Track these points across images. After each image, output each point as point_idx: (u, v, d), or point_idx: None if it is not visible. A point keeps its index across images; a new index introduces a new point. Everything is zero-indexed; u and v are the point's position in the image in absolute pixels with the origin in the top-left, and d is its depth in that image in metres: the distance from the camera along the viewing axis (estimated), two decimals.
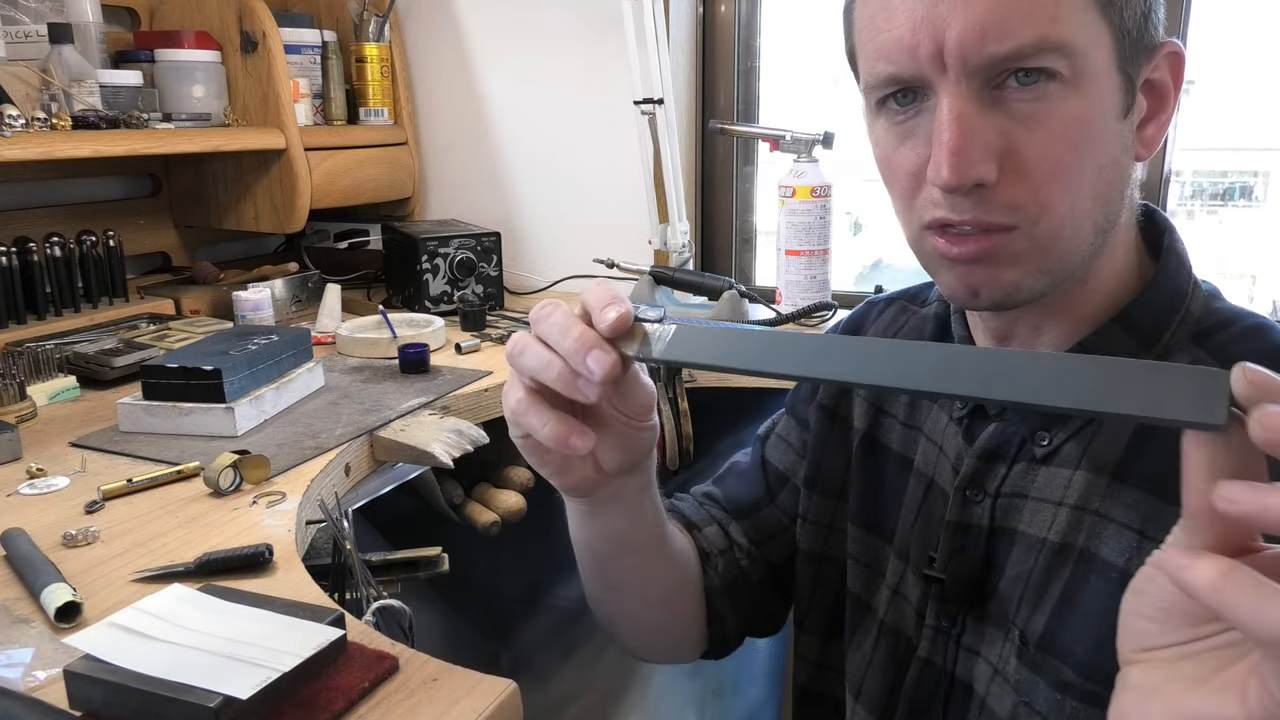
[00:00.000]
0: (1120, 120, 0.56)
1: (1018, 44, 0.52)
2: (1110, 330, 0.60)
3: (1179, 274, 0.61)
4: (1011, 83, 0.53)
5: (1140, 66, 0.56)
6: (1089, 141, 0.54)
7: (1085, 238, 0.57)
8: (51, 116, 1.33)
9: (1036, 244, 0.56)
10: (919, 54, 0.54)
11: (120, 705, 0.58)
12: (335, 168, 1.72)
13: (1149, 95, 0.58)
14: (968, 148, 0.53)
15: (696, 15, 1.84)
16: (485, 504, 1.33)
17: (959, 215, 0.55)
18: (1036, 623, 0.60)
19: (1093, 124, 0.54)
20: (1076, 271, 0.58)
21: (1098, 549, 0.58)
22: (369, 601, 0.82)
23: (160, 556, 0.82)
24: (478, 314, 1.62)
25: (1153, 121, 0.58)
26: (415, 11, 1.93)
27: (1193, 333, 0.59)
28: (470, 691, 0.63)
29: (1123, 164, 0.57)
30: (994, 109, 0.54)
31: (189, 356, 1.16)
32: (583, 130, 1.87)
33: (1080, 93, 0.53)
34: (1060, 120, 0.53)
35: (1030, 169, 0.54)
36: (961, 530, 0.66)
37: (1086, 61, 0.53)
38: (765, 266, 1.95)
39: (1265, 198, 1.74)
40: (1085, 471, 0.59)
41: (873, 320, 0.81)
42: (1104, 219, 0.57)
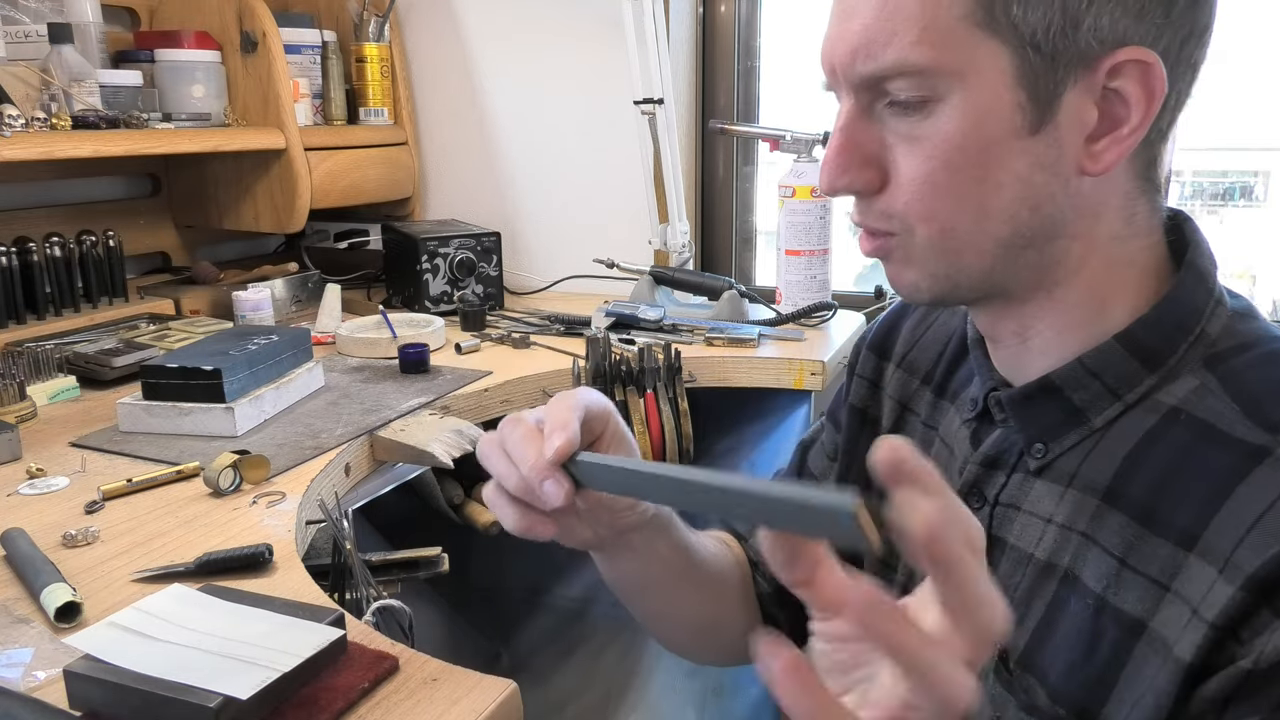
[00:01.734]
0: (1025, 138, 0.54)
1: (878, 66, 0.54)
2: (1110, 349, 0.58)
3: (1195, 292, 0.58)
4: (891, 100, 0.55)
5: (1067, 79, 0.53)
6: (967, 160, 0.54)
7: (982, 250, 0.56)
8: (51, 116, 1.33)
9: (918, 252, 0.58)
10: (823, 66, 0.58)
11: (120, 705, 0.58)
12: (335, 168, 1.72)
13: (1105, 107, 0.54)
14: (840, 158, 0.57)
15: (696, 15, 1.84)
16: (485, 504, 1.33)
17: (855, 215, 0.60)
18: (1018, 639, 0.60)
19: (971, 143, 0.54)
20: (998, 281, 0.58)
21: (1080, 571, 0.57)
22: (369, 601, 0.82)
23: (160, 556, 0.82)
24: (478, 314, 1.62)
25: (1108, 136, 0.54)
26: (415, 11, 1.93)
27: (1206, 355, 0.57)
28: (470, 691, 0.63)
29: (1035, 181, 0.54)
30: (880, 122, 0.56)
31: (189, 356, 1.16)
32: (583, 130, 1.87)
33: (957, 112, 0.53)
34: (937, 138, 0.54)
35: (902, 183, 0.56)
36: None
37: (961, 84, 0.53)
38: (765, 266, 1.95)
39: (1265, 198, 1.74)
40: (1076, 490, 0.58)
41: (906, 319, 0.81)
42: (1011, 234, 0.56)
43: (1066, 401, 0.59)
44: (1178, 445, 0.55)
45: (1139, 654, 0.53)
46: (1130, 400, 0.58)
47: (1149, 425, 0.56)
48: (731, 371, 1.41)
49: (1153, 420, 0.56)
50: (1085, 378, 0.59)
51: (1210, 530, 0.51)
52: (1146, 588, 0.53)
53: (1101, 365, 0.58)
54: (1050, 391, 0.60)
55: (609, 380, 1.33)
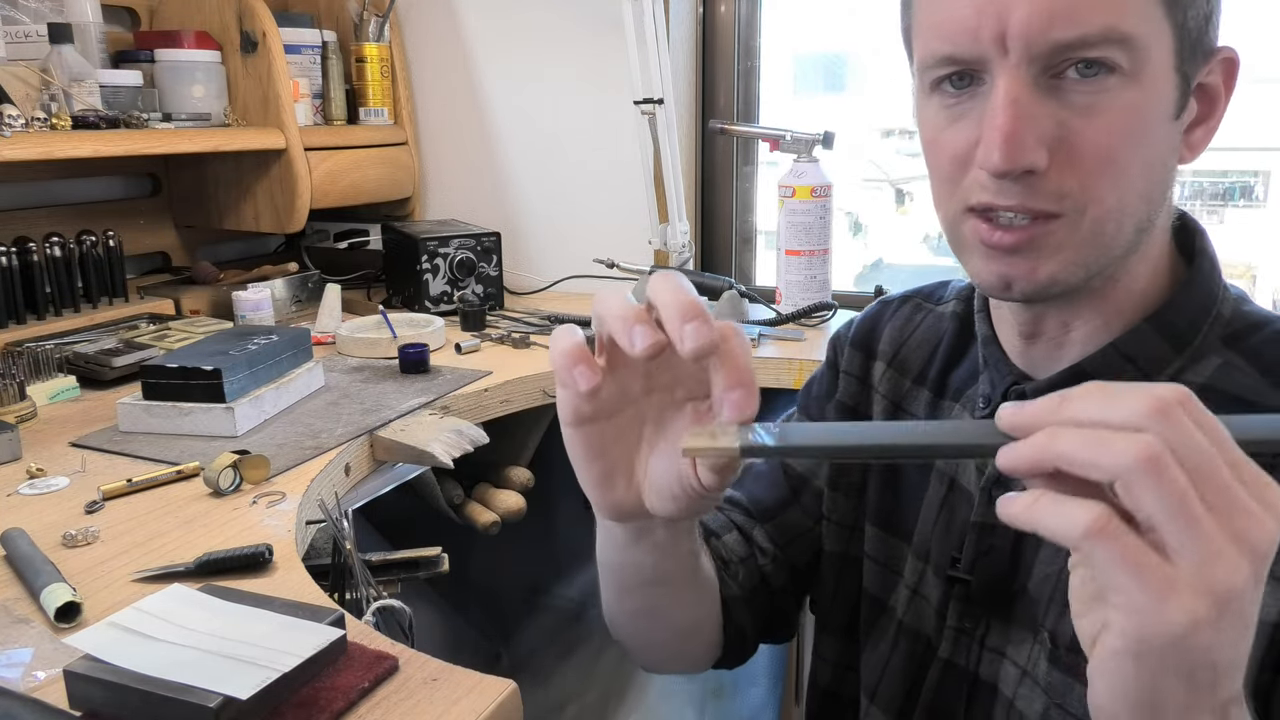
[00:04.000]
0: (1172, 121, 0.56)
1: (1084, 31, 0.51)
2: (1143, 331, 0.60)
3: (1212, 277, 0.61)
4: (1071, 73, 0.53)
5: (1197, 69, 0.56)
6: (1142, 137, 0.54)
7: (1126, 234, 0.57)
8: (51, 116, 1.33)
9: (1080, 235, 0.55)
10: (981, 35, 0.53)
11: (120, 705, 0.58)
12: (335, 168, 1.72)
13: (1200, 99, 0.58)
14: (1021, 133, 0.53)
15: (696, 15, 1.84)
16: (485, 504, 1.33)
17: (1005, 200, 0.55)
18: (1066, 625, 0.58)
19: (1147, 120, 0.54)
20: (1112, 268, 0.58)
21: None
22: (369, 601, 0.82)
23: (160, 556, 0.82)
24: (478, 314, 1.62)
25: (1201, 126, 0.58)
26: (415, 11, 1.93)
27: (1224, 335, 0.60)
28: (470, 691, 0.63)
29: (1169, 165, 0.57)
30: (1050, 96, 0.53)
31: (189, 356, 1.16)
32: (583, 130, 1.87)
33: (1138, 87, 0.53)
34: (1116, 112, 0.53)
35: (1082, 158, 0.54)
36: (988, 531, 0.65)
37: (1148, 56, 0.53)
38: (765, 266, 1.95)
39: (1265, 198, 1.74)
40: None
41: (887, 319, 0.80)
42: (1146, 217, 0.57)
43: None
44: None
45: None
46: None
47: None
48: None
49: None
50: (1119, 362, 0.60)
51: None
52: None
53: (1135, 349, 0.60)
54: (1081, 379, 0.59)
55: None
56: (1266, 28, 1.55)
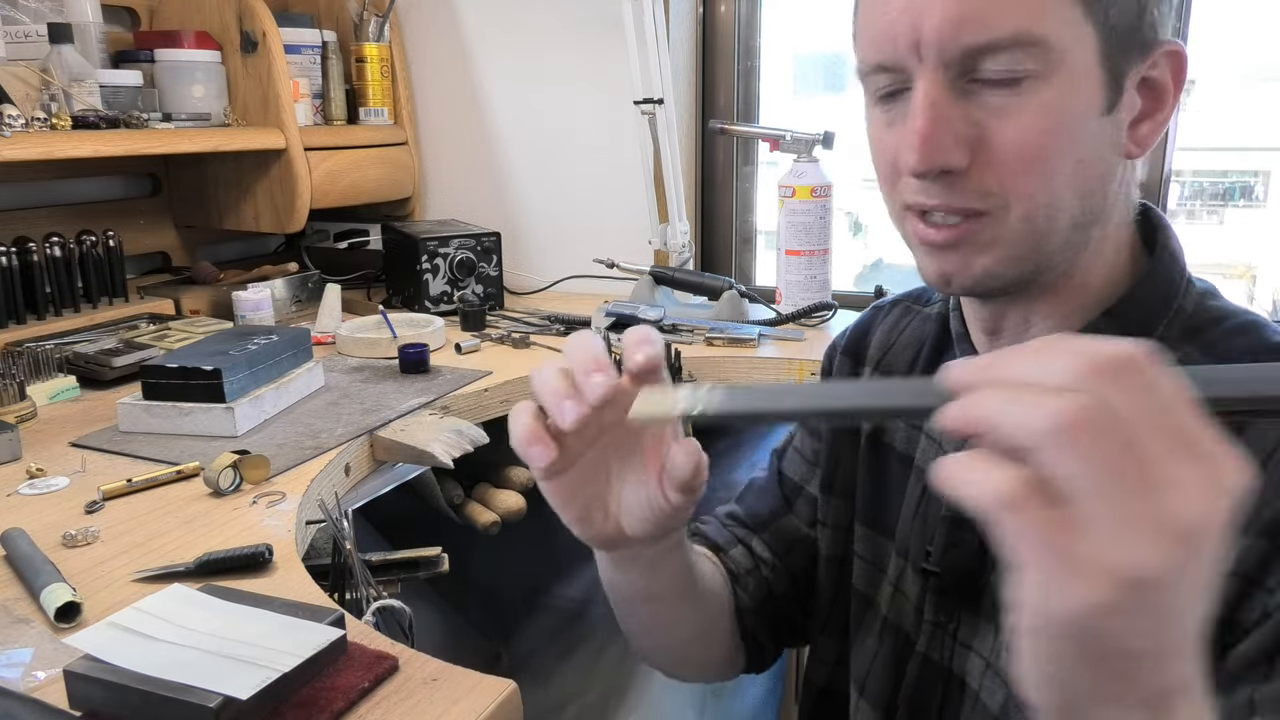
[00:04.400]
0: (1103, 117, 0.56)
1: (993, 36, 0.53)
2: (1100, 324, 0.60)
3: (1171, 271, 0.62)
4: (986, 75, 0.54)
5: (1131, 64, 0.56)
6: (1063, 134, 0.55)
7: (1060, 229, 0.57)
8: (51, 116, 1.33)
9: (1009, 231, 0.57)
10: (899, 42, 0.55)
11: (120, 705, 0.58)
12: (335, 168, 1.72)
13: (1145, 94, 0.58)
14: (936, 134, 0.54)
15: (696, 15, 1.84)
16: (485, 504, 1.33)
17: (931, 200, 0.57)
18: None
19: (1067, 118, 0.55)
20: (1054, 263, 0.59)
21: None
22: (369, 601, 0.82)
23: (160, 556, 0.82)
24: (478, 314, 1.62)
25: (1147, 120, 0.58)
26: (415, 11, 1.93)
27: (1184, 329, 0.60)
28: (470, 691, 0.63)
29: (1107, 160, 0.57)
30: (967, 98, 0.55)
31: (189, 356, 1.16)
32: (582, 130, 1.87)
33: (1055, 87, 0.54)
34: (1032, 112, 0.54)
35: (1001, 157, 0.55)
36: (957, 524, 0.66)
37: (1063, 56, 0.54)
38: (765, 266, 1.95)
39: (1265, 198, 1.74)
40: None
41: (879, 323, 0.81)
42: (1083, 213, 0.57)
43: None
44: None
45: None
46: None
47: None
48: (731, 371, 1.41)
49: None
50: None
51: None
52: None
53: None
54: None
55: None
56: (1266, 28, 1.55)
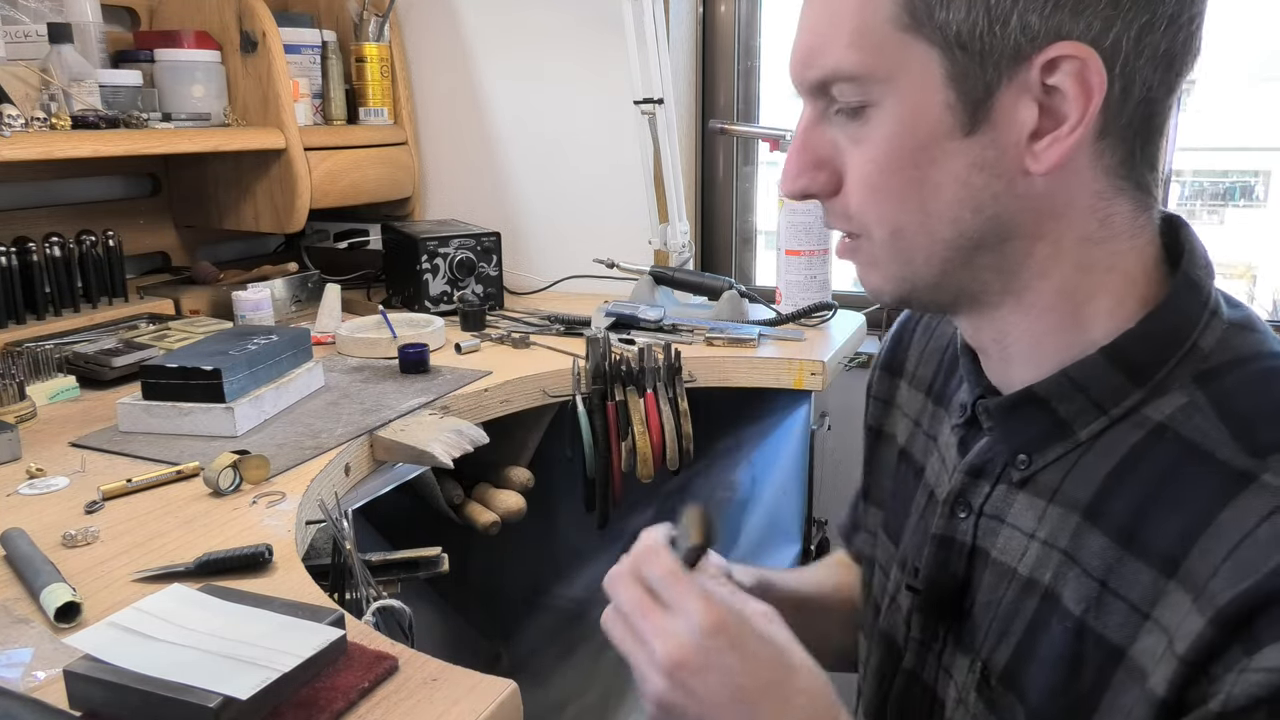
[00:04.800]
0: (960, 139, 0.53)
1: (820, 73, 0.56)
2: (1094, 361, 0.56)
3: (1188, 303, 0.56)
4: (839, 105, 0.56)
5: (1000, 77, 0.52)
6: (909, 161, 0.54)
7: (938, 252, 0.56)
8: (51, 116, 1.33)
9: (881, 253, 0.58)
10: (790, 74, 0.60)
11: (120, 705, 0.58)
12: (335, 168, 1.72)
13: (1046, 106, 0.52)
14: (799, 162, 0.59)
15: (696, 15, 1.84)
16: (485, 504, 1.33)
17: (824, 219, 0.62)
18: (1000, 656, 0.59)
19: (909, 146, 0.54)
20: (959, 283, 0.57)
21: (1060, 591, 0.56)
22: (369, 601, 0.82)
23: (160, 556, 0.82)
24: (478, 314, 1.62)
25: (1048, 135, 0.52)
26: (415, 11, 1.93)
27: (1197, 371, 0.54)
28: (470, 691, 0.63)
29: (975, 182, 0.54)
30: (833, 126, 0.58)
31: (189, 356, 1.16)
32: (583, 130, 1.87)
33: (893, 115, 0.54)
34: (875, 142, 0.55)
35: (852, 185, 0.57)
36: (945, 544, 0.65)
37: (893, 87, 0.53)
38: (765, 266, 1.96)
39: (1265, 198, 1.74)
40: (1058, 506, 0.57)
41: (913, 331, 0.81)
42: (957, 236, 0.55)
43: (1052, 413, 0.58)
44: (1162, 464, 0.53)
45: (1118, 682, 0.52)
46: (1116, 415, 0.56)
47: (1134, 441, 0.55)
48: (731, 371, 1.41)
49: (1138, 436, 0.55)
50: (1070, 390, 0.57)
51: (1191, 558, 0.50)
52: (1127, 614, 0.52)
53: (1086, 378, 0.56)
54: (1035, 402, 0.59)
55: (609, 380, 1.33)
56: (1267, 28, 1.55)
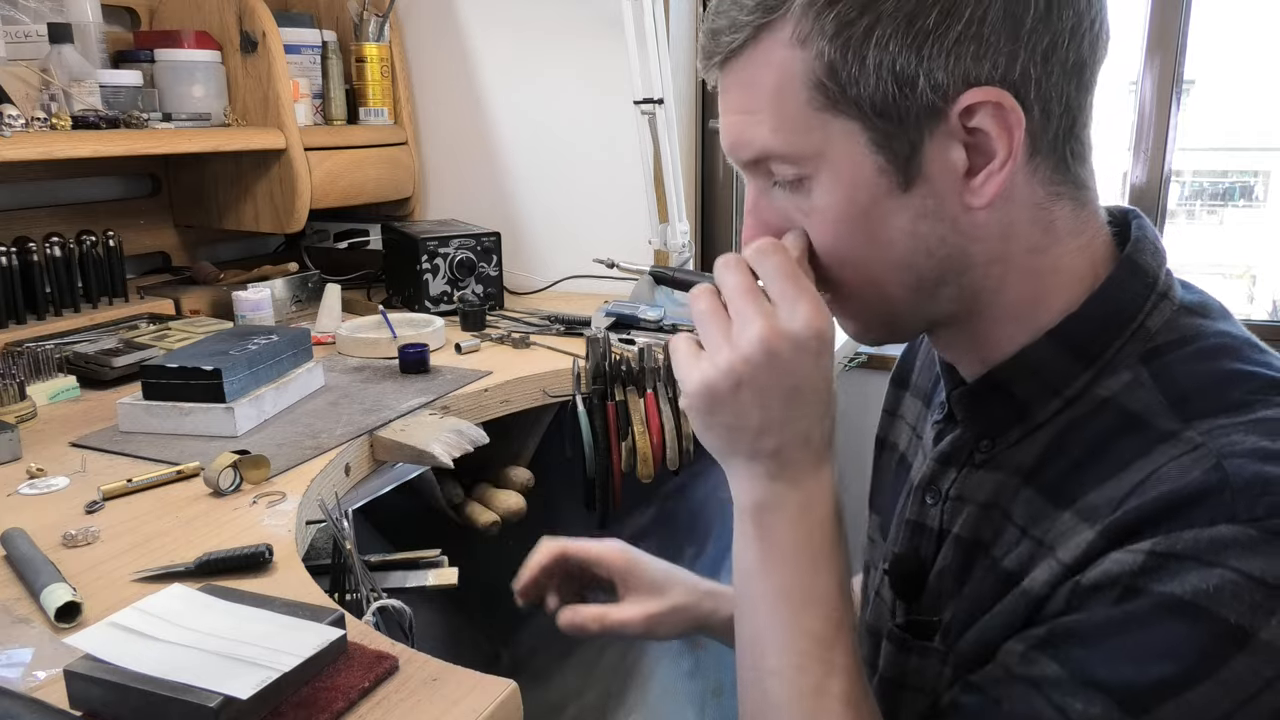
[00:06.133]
0: (899, 195, 0.56)
1: (751, 154, 0.58)
2: (1042, 345, 0.59)
3: (1129, 286, 0.59)
4: (775, 180, 0.59)
5: (923, 132, 0.54)
6: (851, 226, 0.57)
7: (902, 298, 0.59)
8: (51, 116, 1.33)
9: (852, 305, 0.61)
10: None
11: (120, 705, 0.58)
12: (335, 168, 1.72)
13: (973, 145, 0.54)
14: (754, 233, 0.61)
15: (696, 15, 1.85)
16: (485, 504, 1.33)
17: None
18: (946, 613, 0.62)
19: (851, 212, 0.56)
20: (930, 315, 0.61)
21: (992, 543, 0.60)
22: (369, 601, 0.82)
23: (160, 556, 0.82)
24: (478, 314, 1.62)
25: (982, 172, 0.55)
26: (415, 11, 1.93)
27: (1144, 350, 0.58)
28: (470, 691, 0.63)
29: (921, 231, 0.56)
30: (779, 199, 0.60)
31: (189, 356, 1.16)
32: (583, 130, 1.87)
33: (827, 187, 0.56)
34: (817, 212, 0.58)
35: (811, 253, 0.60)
36: (917, 530, 0.67)
37: (822, 161, 0.56)
38: None
39: (1265, 198, 1.74)
40: (1006, 475, 0.61)
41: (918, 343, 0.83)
42: (917, 280, 0.58)
43: (1011, 397, 0.61)
44: (1099, 430, 0.56)
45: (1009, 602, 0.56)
46: (1070, 396, 0.59)
47: (1081, 414, 0.58)
48: None
49: (1085, 410, 0.58)
50: (1024, 373, 0.60)
51: (1093, 494, 0.54)
52: (1033, 549, 0.56)
53: (1037, 360, 0.60)
54: (995, 387, 0.62)
55: (609, 380, 1.33)
56: (1266, 28, 1.55)
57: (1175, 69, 1.54)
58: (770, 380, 0.56)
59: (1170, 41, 1.53)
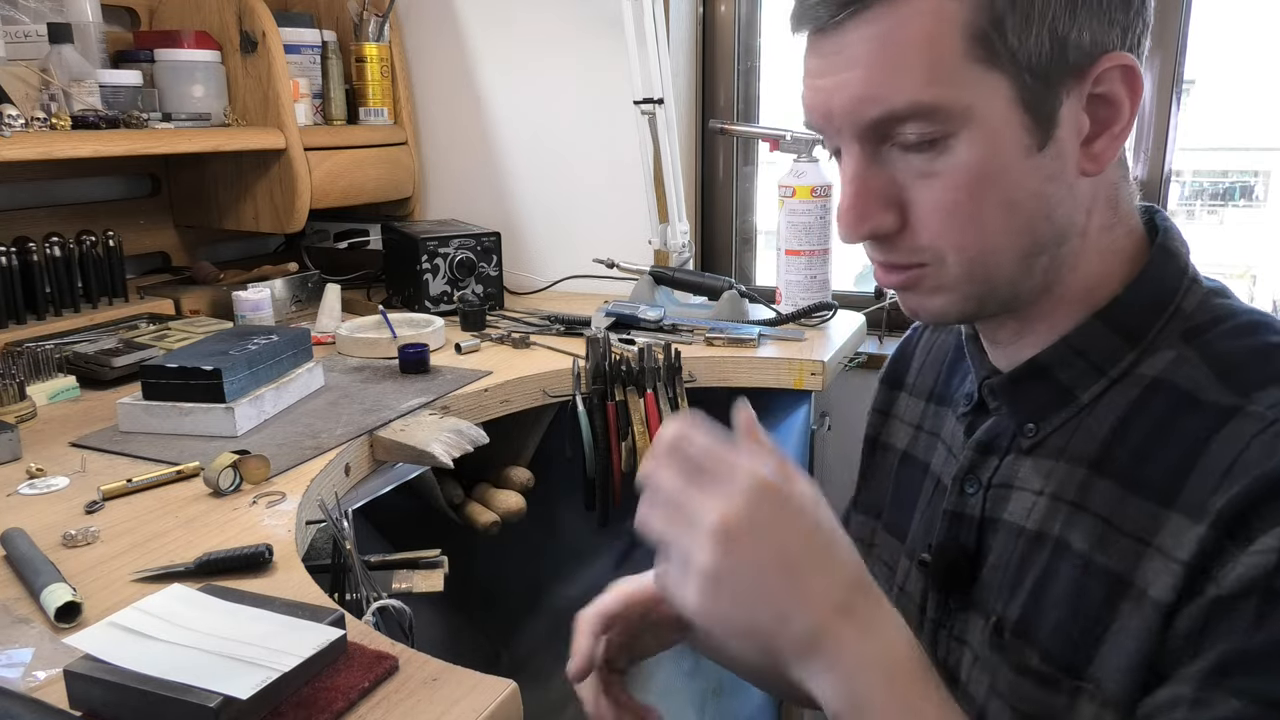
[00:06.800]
0: (1034, 156, 0.56)
1: (890, 109, 0.55)
2: (1092, 325, 0.61)
3: (1167, 270, 0.62)
4: (902, 140, 0.56)
5: (1064, 93, 0.56)
6: (987, 186, 0.56)
7: (1009, 266, 0.59)
8: (51, 116, 1.33)
9: (952, 277, 0.59)
10: (816, 116, 0.59)
11: (120, 705, 0.58)
12: (335, 168, 1.72)
13: (1094, 112, 0.57)
14: (858, 207, 0.58)
15: (696, 15, 1.84)
16: (485, 504, 1.33)
17: (875, 255, 0.61)
18: (1012, 610, 0.62)
19: (988, 170, 0.56)
20: (1018, 292, 0.60)
21: (1069, 537, 0.59)
22: (369, 601, 0.82)
23: (160, 556, 0.82)
24: (478, 314, 1.62)
25: (1102, 136, 0.58)
26: (415, 11, 1.93)
27: (1184, 329, 0.60)
28: (470, 691, 0.63)
29: (1047, 193, 0.57)
30: (890, 164, 0.57)
31: (189, 356, 1.16)
32: (583, 130, 1.87)
33: (969, 144, 0.55)
34: (951, 173, 0.56)
35: (927, 218, 0.57)
36: (956, 520, 0.67)
37: (970, 116, 0.55)
38: (765, 266, 1.96)
39: (1265, 198, 1.74)
40: (1065, 463, 0.61)
41: (917, 345, 0.83)
42: (1031, 246, 0.58)
43: (1055, 381, 0.62)
44: (1158, 413, 0.57)
45: (1125, 610, 0.55)
46: (1114, 375, 0.60)
47: (1132, 397, 0.59)
48: (731, 371, 1.41)
49: (1136, 392, 0.59)
50: (1071, 356, 0.61)
51: (1188, 487, 0.54)
52: (1130, 545, 0.56)
53: (1085, 343, 0.61)
54: (1038, 373, 0.63)
55: (609, 380, 1.33)
56: (1266, 28, 1.55)
57: (1175, 69, 1.54)
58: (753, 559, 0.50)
59: (1170, 41, 1.53)
